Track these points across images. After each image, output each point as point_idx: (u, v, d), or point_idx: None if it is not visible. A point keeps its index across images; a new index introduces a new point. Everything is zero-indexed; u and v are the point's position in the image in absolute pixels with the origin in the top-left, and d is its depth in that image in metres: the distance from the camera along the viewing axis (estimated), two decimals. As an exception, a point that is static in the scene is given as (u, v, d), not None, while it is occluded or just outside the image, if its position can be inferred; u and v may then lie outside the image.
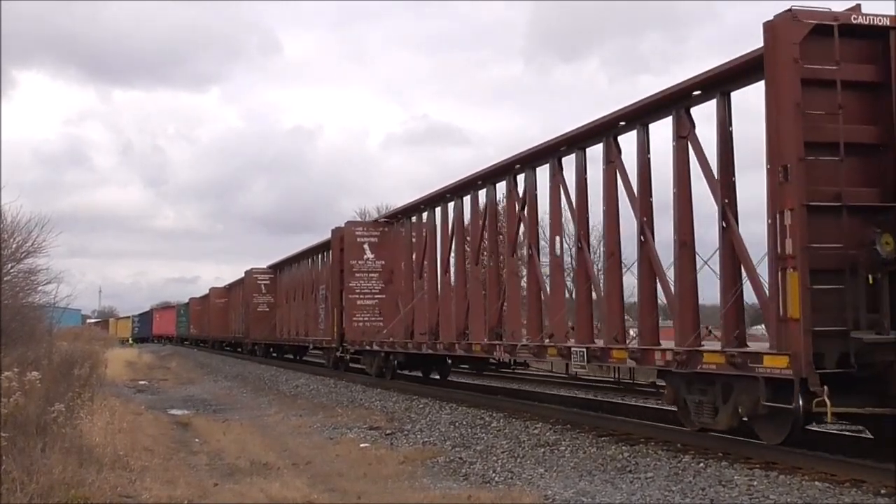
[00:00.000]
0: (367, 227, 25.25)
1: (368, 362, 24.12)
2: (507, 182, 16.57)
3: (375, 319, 24.02)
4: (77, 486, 7.79)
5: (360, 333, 24.08)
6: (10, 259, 22.20)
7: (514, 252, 16.71)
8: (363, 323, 24.18)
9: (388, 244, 24.06)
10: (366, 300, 24.26)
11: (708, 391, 10.77)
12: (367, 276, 24.17)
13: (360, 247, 24.24)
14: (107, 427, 11.89)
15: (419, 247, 21.39)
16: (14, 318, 20.19)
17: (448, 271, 19.53)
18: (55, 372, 13.71)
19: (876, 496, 8.19)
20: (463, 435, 13.57)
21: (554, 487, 9.37)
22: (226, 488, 9.28)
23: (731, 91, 10.82)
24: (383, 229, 24.55)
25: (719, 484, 9.05)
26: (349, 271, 24.28)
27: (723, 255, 10.70)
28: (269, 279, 42.29)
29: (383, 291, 24.11)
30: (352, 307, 24.34)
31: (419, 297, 20.80)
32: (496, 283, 17.61)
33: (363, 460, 11.61)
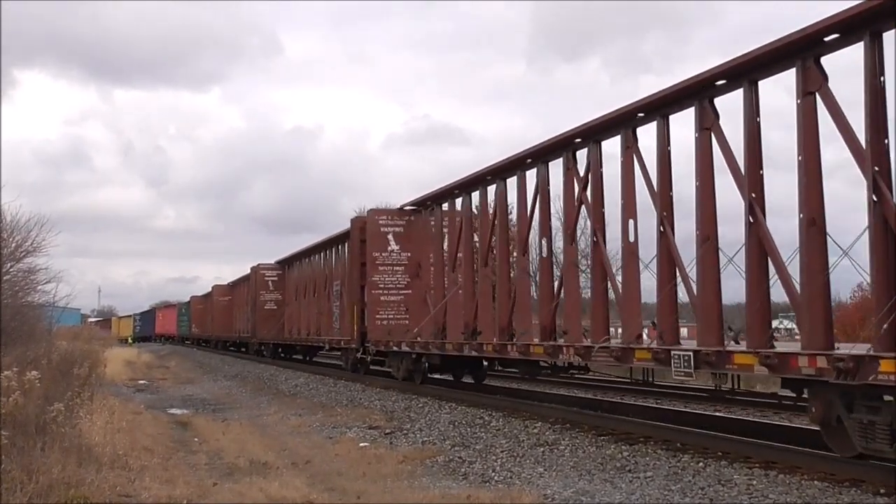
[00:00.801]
0: (391, 215, 22.41)
1: (395, 365, 21.86)
2: (566, 158, 14.26)
3: (401, 317, 21.95)
4: (76, 486, 7.79)
5: (385, 333, 21.93)
6: (9, 258, 22.19)
7: (573, 240, 14.44)
8: (388, 321, 22.04)
9: (414, 234, 21.75)
10: (390, 296, 22.08)
11: (882, 410, 8.51)
12: (391, 269, 22.00)
13: (383, 237, 21.99)
14: (106, 426, 11.88)
15: (452, 236, 19.24)
16: (13, 317, 20.19)
17: (489, 263, 17.31)
18: (54, 371, 13.71)
19: (875, 496, 8.19)
20: (462, 434, 13.57)
21: (553, 487, 9.37)
22: (225, 488, 9.28)
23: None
24: (409, 218, 22.03)
25: (719, 483, 9.05)
26: (372, 264, 22.00)
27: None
28: (277, 275, 39.80)
29: (409, 286, 21.86)
30: (375, 304, 22.12)
31: (452, 293, 18.85)
32: (548, 277, 15.32)
33: (362, 460, 11.61)
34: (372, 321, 22.18)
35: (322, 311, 30.17)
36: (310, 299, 32.67)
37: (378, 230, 22.10)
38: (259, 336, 39.99)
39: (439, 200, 20.17)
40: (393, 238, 22.01)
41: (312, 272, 32.90)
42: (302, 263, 35.22)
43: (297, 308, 34.87)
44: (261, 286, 40.07)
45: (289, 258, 37.97)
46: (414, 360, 20.54)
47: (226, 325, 51.50)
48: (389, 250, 21.96)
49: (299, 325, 34.20)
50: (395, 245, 21.97)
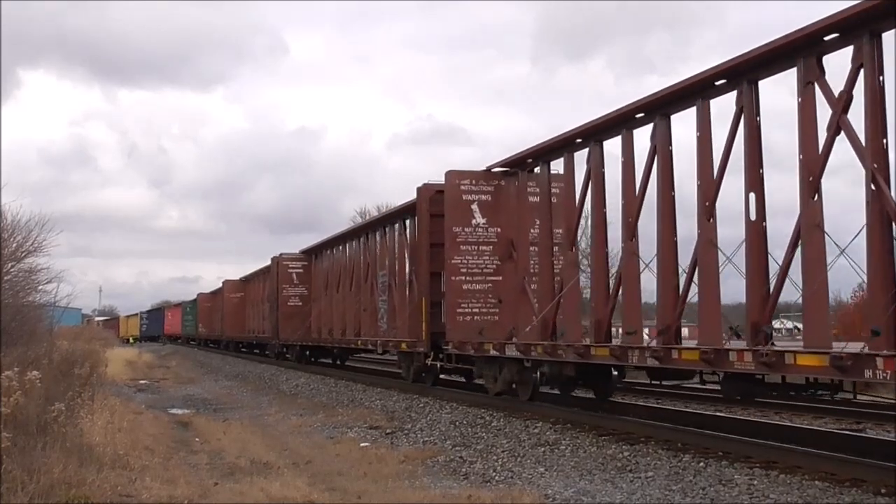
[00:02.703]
0: (476, 179, 17.29)
1: (488, 374, 16.78)
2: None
3: (489, 311, 17.14)
4: (77, 486, 7.79)
5: (470, 331, 16.92)
6: (10, 258, 22.20)
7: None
8: (472, 316, 17.12)
9: (506, 204, 17.04)
10: (475, 283, 17.16)
11: None
12: (476, 249, 17.13)
13: (466, 207, 17.06)
14: (107, 426, 11.88)
15: (566, 204, 14.68)
16: (14, 317, 20.20)
17: (634, 237, 12.72)
18: (55, 371, 13.71)
19: (876, 495, 8.19)
20: (463, 434, 13.57)
21: (554, 486, 9.37)
22: (226, 488, 9.27)
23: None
24: (498, 183, 17.20)
25: (719, 483, 9.05)
26: (452, 243, 17.01)
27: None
28: (303, 267, 34.49)
29: (500, 271, 17.06)
30: (456, 294, 17.05)
31: (572, 279, 14.31)
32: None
33: (363, 460, 11.62)
34: (452, 317, 17.17)
35: (364, 308, 25.61)
36: (345, 293, 28.23)
37: (459, 198, 17.09)
38: (282, 336, 34.74)
39: (547, 156, 15.40)
40: (478, 209, 17.16)
41: (348, 261, 28.32)
42: (333, 252, 30.68)
43: (328, 304, 30.32)
44: (284, 279, 34.58)
45: (316, 247, 33.55)
46: (519, 370, 15.53)
47: (238, 324, 47.29)
48: (474, 224, 17.12)
49: (331, 323, 29.59)
50: (480, 218, 17.13)
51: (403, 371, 21.76)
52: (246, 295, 46.58)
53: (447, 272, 17.28)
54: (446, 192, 17.40)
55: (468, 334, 16.87)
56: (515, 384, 15.94)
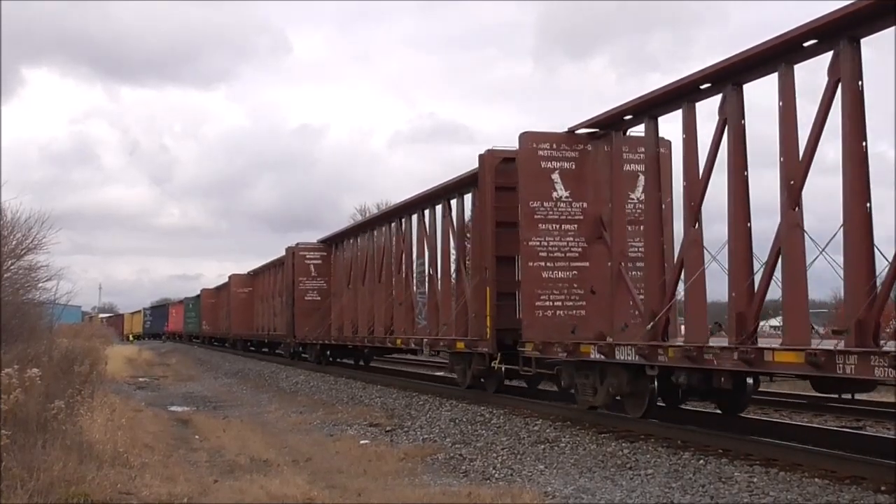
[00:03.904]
0: (556, 143, 14.25)
1: (585, 382, 13.31)
2: None
3: (573, 304, 14.21)
4: (77, 483, 7.80)
5: (551, 329, 13.97)
6: (10, 255, 22.20)
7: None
8: (554, 311, 14.13)
9: (592, 174, 14.22)
10: (557, 271, 14.18)
11: None
12: (557, 228, 14.20)
13: (545, 177, 14.12)
14: (107, 424, 11.89)
15: (688, 168, 11.45)
16: (14, 314, 20.19)
17: (798, 205, 9.74)
18: (55, 369, 13.71)
19: (876, 493, 8.18)
20: (463, 432, 13.57)
21: (554, 484, 9.37)
22: (226, 485, 9.28)
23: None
24: (584, 147, 14.29)
25: (719, 481, 9.05)
26: (528, 220, 14.11)
27: None
28: (322, 258, 31.42)
29: (586, 255, 14.24)
30: (534, 283, 14.10)
31: (696, 264, 11.24)
32: None
33: (363, 457, 11.62)
34: (529, 311, 14.22)
35: (400, 302, 22.50)
36: (372, 286, 25.08)
37: (537, 166, 14.16)
38: (299, 335, 31.61)
39: (656, 109, 12.33)
40: (560, 179, 14.22)
41: (377, 250, 25.02)
42: (358, 241, 27.48)
43: (352, 298, 27.12)
44: (301, 272, 31.53)
45: (337, 235, 30.54)
46: (630, 378, 12.26)
47: (246, 321, 44.53)
48: (555, 198, 14.17)
49: (356, 320, 26.52)
50: (562, 190, 14.19)
51: (458, 375, 18.35)
52: (255, 290, 44.12)
53: (523, 256, 14.31)
54: (521, 158, 14.41)
55: (551, 332, 13.84)
56: (623, 396, 12.62)
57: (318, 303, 30.85)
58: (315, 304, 30.94)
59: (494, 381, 16.84)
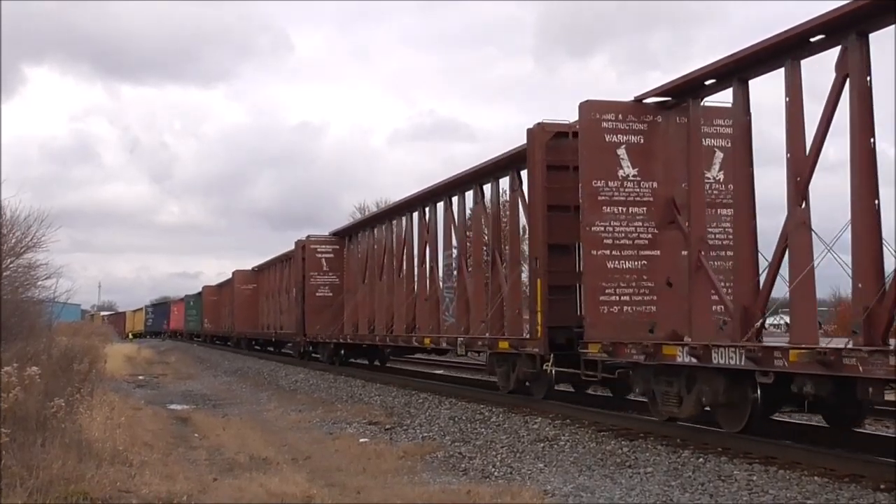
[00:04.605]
0: (623, 113, 12.63)
1: (668, 391, 11.48)
2: None
3: (641, 299, 12.57)
4: (76, 481, 7.79)
5: (618, 327, 12.35)
6: (9, 254, 22.20)
7: None
8: (621, 306, 12.51)
9: (663, 149, 12.68)
10: (625, 260, 12.50)
11: None
12: (625, 212, 12.54)
13: (610, 153, 12.50)
14: (106, 422, 11.89)
15: (792, 137, 9.86)
16: (13, 312, 20.19)
17: None
18: (54, 367, 13.71)
19: (875, 491, 8.19)
20: (462, 430, 13.57)
21: (553, 482, 9.38)
22: (225, 483, 9.28)
23: None
24: (653, 119, 12.68)
25: (719, 479, 9.06)
26: (591, 200, 12.41)
27: None
28: (334, 251, 29.68)
29: (656, 243, 12.62)
30: (598, 274, 12.43)
31: (802, 250, 9.73)
32: None
33: (362, 455, 11.62)
34: (593, 307, 12.43)
35: (426, 297, 20.85)
36: (391, 281, 23.46)
37: (601, 140, 12.52)
38: (309, 333, 29.84)
39: (747, 71, 10.75)
40: (627, 155, 12.58)
41: (396, 242, 23.49)
42: (374, 233, 25.79)
43: (368, 294, 25.60)
44: (312, 266, 29.75)
45: (351, 227, 29.34)
46: (728, 387, 10.41)
47: (250, 318, 43.11)
48: (621, 177, 12.53)
49: (372, 317, 25.00)
50: (629, 167, 12.56)
51: (499, 379, 16.41)
52: (259, 286, 42.55)
53: (585, 244, 12.59)
54: (583, 130, 12.72)
55: (618, 331, 12.26)
56: (716, 407, 10.82)
57: (330, 299, 29.13)
58: (327, 301, 29.20)
59: (543, 386, 14.95)
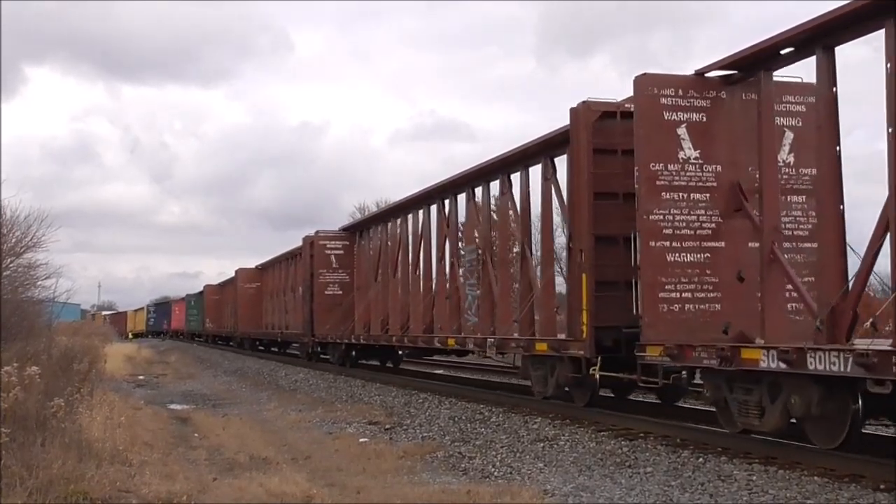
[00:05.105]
0: (683, 88, 11.50)
1: (747, 400, 10.12)
2: None
3: (706, 296, 11.46)
4: (76, 481, 7.79)
5: (679, 327, 11.27)
6: (9, 253, 22.21)
7: None
8: (682, 304, 11.43)
9: (728, 128, 11.61)
10: (685, 253, 11.43)
11: None
12: (686, 198, 11.45)
13: (670, 132, 11.38)
14: (106, 422, 11.88)
15: None
16: (14, 312, 20.20)
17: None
18: (54, 367, 13.73)
19: (875, 491, 8.19)
20: (462, 430, 13.57)
21: (553, 482, 9.38)
22: (225, 483, 9.28)
23: None
24: (717, 94, 11.59)
25: (718, 479, 9.06)
26: (650, 187, 11.30)
27: None
28: (344, 247, 28.33)
29: (720, 233, 11.55)
30: (657, 268, 11.34)
31: None
32: None
33: (362, 455, 11.62)
34: (651, 304, 11.25)
35: (447, 296, 19.56)
36: (406, 278, 22.43)
37: (659, 118, 11.38)
38: (318, 333, 28.51)
39: (830, 38, 9.65)
40: (689, 135, 11.42)
41: (411, 238, 22.25)
42: (387, 228, 24.40)
43: (381, 292, 24.35)
44: (321, 263, 28.40)
45: (362, 222, 28.48)
46: (823, 398, 9.16)
47: (254, 318, 41.98)
48: (682, 159, 11.39)
49: (386, 317, 23.82)
50: (691, 149, 11.41)
51: (535, 384, 14.89)
52: (263, 285, 41.44)
53: (642, 234, 11.33)
54: (639, 107, 11.50)
55: (679, 331, 11.13)
56: (809, 420, 9.53)
57: (340, 297, 27.89)
58: (336, 299, 27.97)
59: (586, 392, 13.70)
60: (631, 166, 11.76)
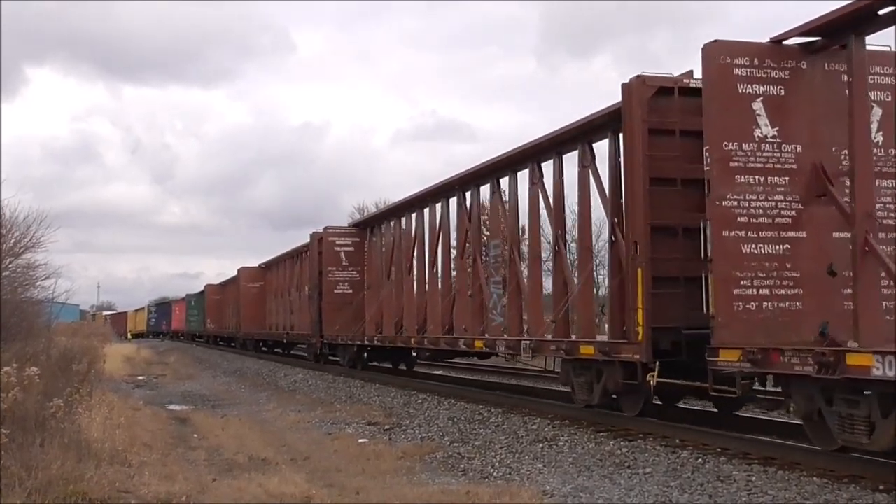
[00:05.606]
0: (759, 58, 10.29)
1: (848, 415, 8.81)
2: None
3: (787, 293, 10.25)
4: (75, 482, 7.79)
5: (758, 328, 10.07)
6: (8, 254, 22.20)
7: None
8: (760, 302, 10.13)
9: (809, 104, 10.41)
10: (763, 244, 10.23)
11: None
12: (762, 182, 10.25)
13: (744, 107, 10.19)
14: (105, 422, 11.89)
15: None
16: (13, 313, 20.19)
17: None
18: (54, 367, 13.71)
19: (874, 492, 8.19)
20: (461, 430, 13.57)
21: (552, 483, 9.38)
22: (224, 483, 9.28)
23: None
24: (796, 65, 10.36)
25: (718, 479, 9.06)
26: (723, 168, 10.15)
27: None
28: (354, 244, 27.08)
29: (800, 223, 10.36)
30: (732, 261, 10.09)
31: None
32: None
33: (361, 456, 11.63)
34: (725, 302, 9.99)
35: (470, 293, 18.22)
36: (423, 276, 21.20)
37: (732, 90, 10.14)
38: (328, 334, 27.30)
39: None
40: (765, 110, 10.23)
41: (430, 232, 20.74)
42: (401, 223, 23.01)
43: (395, 291, 23.06)
44: (330, 260, 27.12)
45: (372, 218, 27.25)
46: None
47: (257, 318, 40.88)
48: (758, 138, 10.19)
49: (400, 317, 22.49)
50: (767, 126, 10.21)
51: (577, 390, 13.51)
52: (267, 284, 40.30)
53: (714, 222, 10.06)
54: (710, 79, 10.26)
55: (757, 333, 9.88)
56: None
57: (350, 296, 26.53)
58: (346, 299, 26.60)
59: (638, 400, 12.38)
60: (690, 149, 11.04)
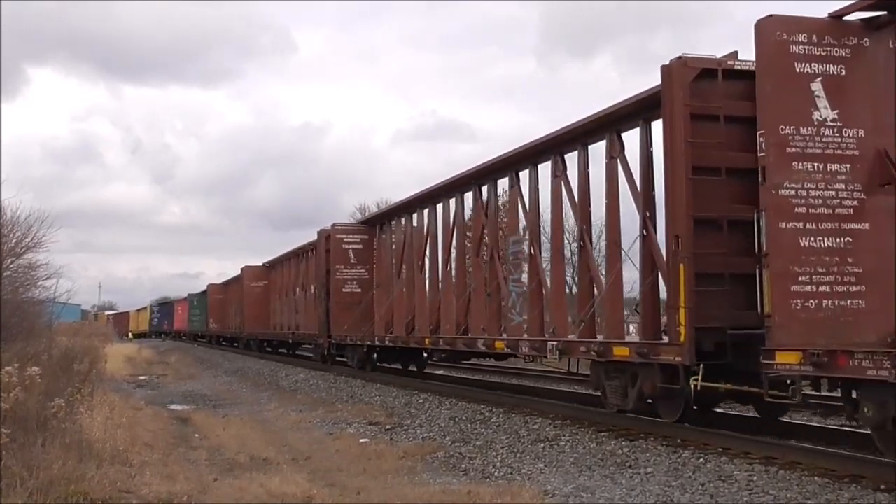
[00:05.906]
0: (818, 34, 9.53)
1: None
2: None
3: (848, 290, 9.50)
4: (77, 482, 7.80)
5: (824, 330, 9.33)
6: (9, 254, 22.22)
7: None
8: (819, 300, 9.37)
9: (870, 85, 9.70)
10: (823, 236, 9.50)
11: None
12: (822, 169, 9.54)
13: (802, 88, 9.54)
14: (106, 422, 11.90)
15: None
16: (14, 313, 20.21)
17: None
18: (55, 367, 13.73)
19: (875, 491, 8.19)
20: (462, 430, 13.57)
21: (553, 482, 9.38)
22: (225, 483, 9.29)
23: None
24: (858, 43, 9.62)
25: (719, 479, 9.05)
26: (779, 154, 9.42)
27: None
28: (362, 241, 26.20)
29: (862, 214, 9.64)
30: (789, 255, 9.36)
31: None
32: None
33: (363, 455, 11.63)
34: (783, 300, 9.23)
35: (489, 292, 17.61)
36: (436, 275, 20.41)
37: (789, 68, 9.41)
38: (336, 334, 26.31)
39: None
40: (824, 92, 9.46)
41: (444, 229, 19.89)
42: (412, 219, 22.13)
43: (407, 290, 22.26)
44: (338, 258, 26.12)
45: (381, 215, 26.23)
46: None
47: (261, 318, 40.10)
48: (817, 121, 9.45)
49: (412, 316, 21.55)
50: (827, 109, 9.48)
51: (610, 395, 12.62)
52: (271, 283, 39.46)
53: (770, 213, 9.29)
54: (764, 56, 9.49)
55: (817, 333, 9.16)
56: None
57: (359, 296, 25.65)
58: (355, 298, 25.69)
59: (678, 405, 11.68)
60: (736, 135, 10.55)
